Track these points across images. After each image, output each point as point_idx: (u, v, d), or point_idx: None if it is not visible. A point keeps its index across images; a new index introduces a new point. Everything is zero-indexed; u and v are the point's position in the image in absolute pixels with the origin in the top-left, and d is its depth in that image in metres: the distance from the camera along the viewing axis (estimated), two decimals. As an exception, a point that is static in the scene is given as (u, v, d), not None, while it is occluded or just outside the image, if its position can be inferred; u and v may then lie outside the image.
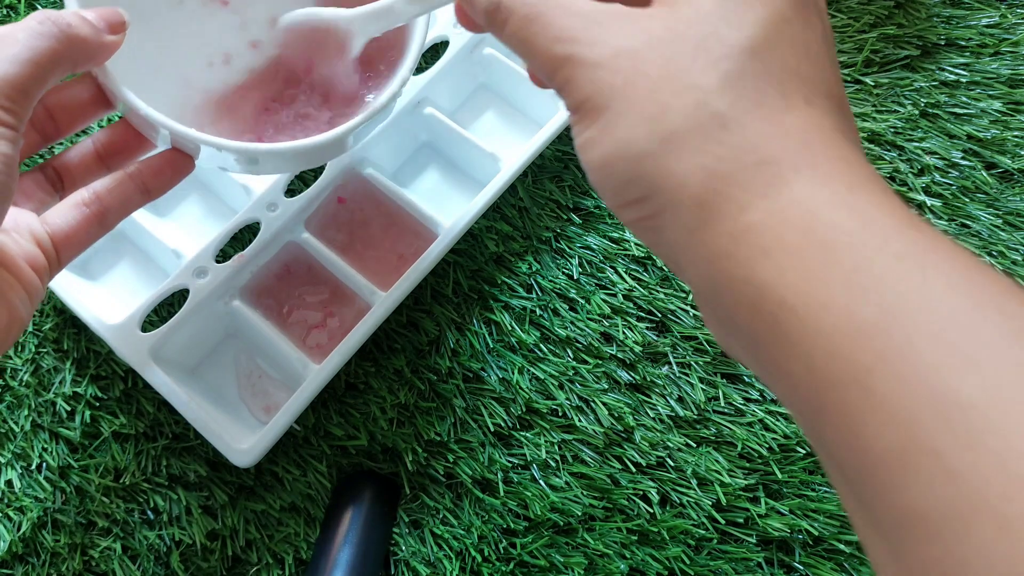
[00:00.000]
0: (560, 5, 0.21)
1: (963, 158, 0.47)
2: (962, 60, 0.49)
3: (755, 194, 0.19)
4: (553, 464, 0.40)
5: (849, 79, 0.48)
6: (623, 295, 0.43)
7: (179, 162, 0.32)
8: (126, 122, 0.31)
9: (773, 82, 0.20)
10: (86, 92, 0.30)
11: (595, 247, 0.44)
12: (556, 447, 0.40)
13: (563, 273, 0.44)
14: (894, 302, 0.17)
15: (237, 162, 0.32)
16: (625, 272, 0.44)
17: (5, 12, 0.48)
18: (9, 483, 0.39)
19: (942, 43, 0.50)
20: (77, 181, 0.31)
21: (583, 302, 0.43)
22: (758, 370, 0.20)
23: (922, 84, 0.48)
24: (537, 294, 0.43)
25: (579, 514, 0.39)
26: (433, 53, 0.45)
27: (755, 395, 0.41)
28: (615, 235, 0.44)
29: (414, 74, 0.44)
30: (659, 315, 0.43)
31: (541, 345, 0.42)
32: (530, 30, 0.22)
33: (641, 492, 0.39)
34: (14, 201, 0.28)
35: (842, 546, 0.38)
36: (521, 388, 0.41)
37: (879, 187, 0.19)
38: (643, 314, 0.43)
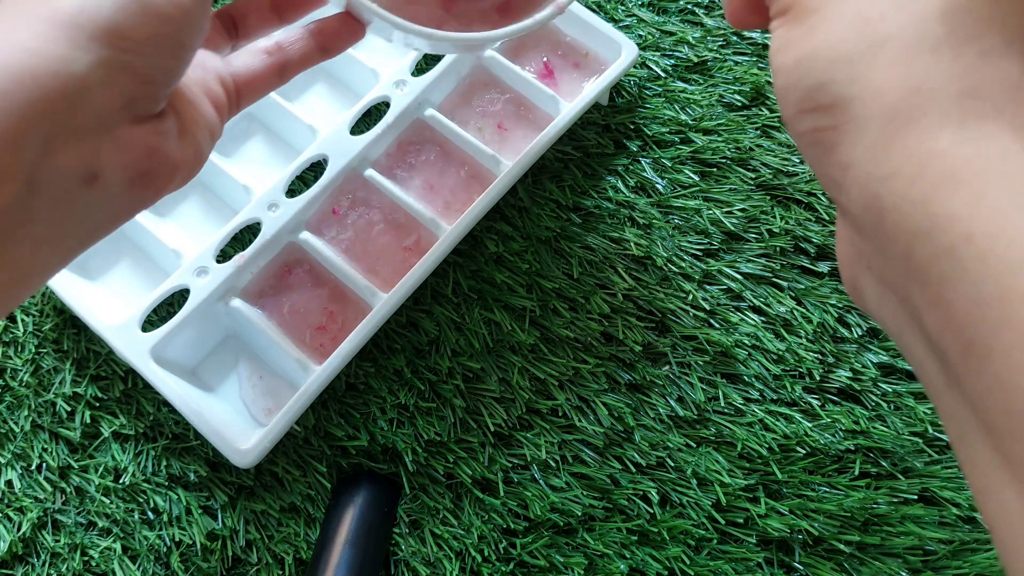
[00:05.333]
0: None
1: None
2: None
3: (952, 121, 0.19)
4: (553, 464, 0.40)
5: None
6: (623, 295, 0.43)
7: (353, 26, 0.33)
8: None
9: (998, 26, 0.19)
10: None
11: (595, 247, 0.44)
12: (556, 447, 0.40)
13: (563, 273, 0.44)
14: None
15: (401, 40, 0.33)
16: (625, 272, 0.44)
17: None
18: (9, 483, 0.39)
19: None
20: (251, 31, 0.32)
21: (583, 302, 0.43)
22: (897, 306, 0.20)
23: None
24: (537, 294, 0.43)
25: (579, 514, 0.39)
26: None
27: (755, 395, 0.41)
28: (615, 235, 0.44)
29: (415, 75, 0.44)
30: (659, 315, 0.43)
31: (541, 345, 0.42)
32: None
33: (641, 492, 0.39)
34: None
35: (842, 546, 0.38)
36: (521, 388, 0.41)
37: None
38: (643, 314, 0.43)
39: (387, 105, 0.44)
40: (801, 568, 0.38)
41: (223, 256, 0.41)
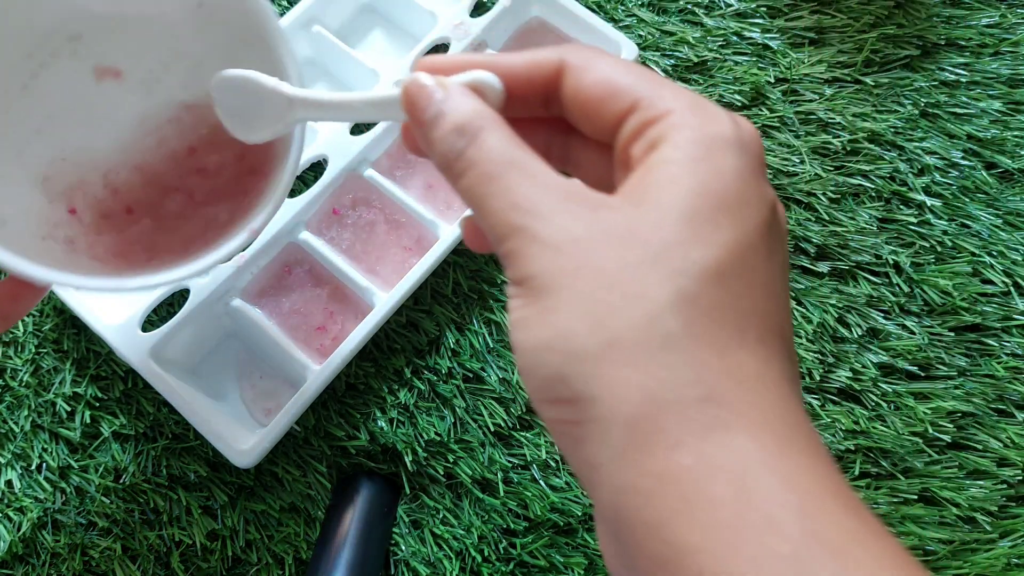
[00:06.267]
0: (526, 171, 0.20)
1: (963, 158, 0.47)
2: (962, 60, 0.49)
3: (692, 433, 0.17)
4: (553, 464, 0.40)
5: (849, 79, 0.48)
6: (623, 295, 0.43)
7: (30, 287, 0.29)
8: None
9: (730, 313, 0.18)
10: None
11: (595, 247, 0.44)
12: (556, 447, 0.40)
13: (563, 273, 0.44)
14: None
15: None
16: (625, 272, 0.44)
17: None
18: (9, 483, 0.39)
19: (942, 43, 0.50)
20: None
21: (583, 302, 0.43)
22: None
23: (922, 84, 0.48)
24: (537, 294, 0.43)
25: (579, 514, 0.39)
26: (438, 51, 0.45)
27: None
28: (615, 235, 0.44)
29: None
30: (659, 315, 0.43)
31: (541, 345, 0.42)
32: (488, 189, 0.20)
33: (641, 492, 0.39)
34: None
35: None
36: (521, 388, 0.41)
37: (809, 446, 0.18)
38: (643, 314, 0.43)
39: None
40: (801, 568, 0.38)
41: (223, 256, 0.41)
